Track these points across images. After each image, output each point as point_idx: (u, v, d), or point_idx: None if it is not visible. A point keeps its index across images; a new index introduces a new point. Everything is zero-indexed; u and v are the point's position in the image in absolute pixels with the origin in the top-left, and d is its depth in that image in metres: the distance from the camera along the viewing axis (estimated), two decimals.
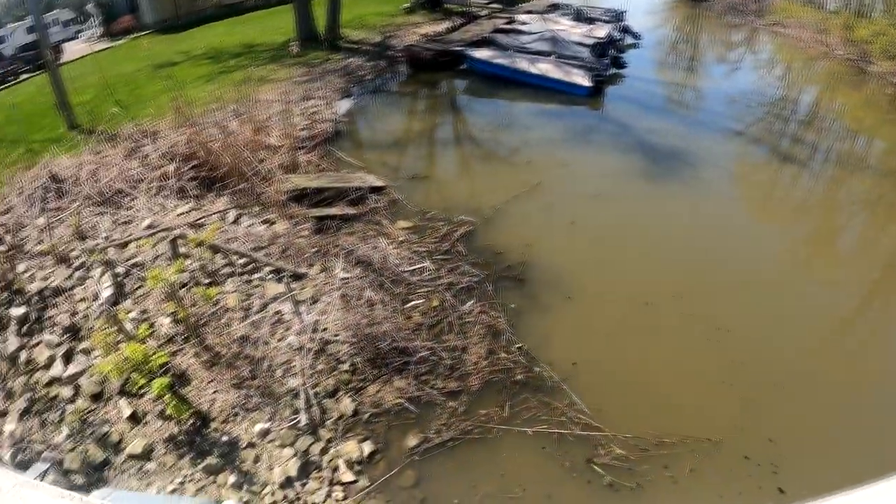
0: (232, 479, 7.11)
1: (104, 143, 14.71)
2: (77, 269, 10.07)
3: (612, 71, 22.94)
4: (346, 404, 8.06)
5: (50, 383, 8.26)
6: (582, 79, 20.46)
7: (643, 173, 14.71)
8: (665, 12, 39.19)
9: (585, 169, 15.15)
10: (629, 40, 28.16)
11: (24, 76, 32.55)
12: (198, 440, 7.48)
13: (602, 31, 25.64)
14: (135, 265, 10.03)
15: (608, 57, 23.00)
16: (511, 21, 29.09)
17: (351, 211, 12.27)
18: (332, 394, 8.20)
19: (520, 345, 9.03)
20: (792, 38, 29.21)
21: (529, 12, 31.40)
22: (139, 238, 10.69)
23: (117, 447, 7.47)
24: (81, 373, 8.28)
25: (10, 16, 54.26)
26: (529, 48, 23.22)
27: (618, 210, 12.99)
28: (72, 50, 35.01)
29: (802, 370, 8.64)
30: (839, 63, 25.14)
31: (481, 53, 23.15)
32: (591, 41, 23.48)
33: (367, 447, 7.59)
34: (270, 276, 10.06)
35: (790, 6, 31.68)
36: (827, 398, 8.26)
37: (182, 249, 10.16)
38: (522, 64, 21.91)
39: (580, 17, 29.74)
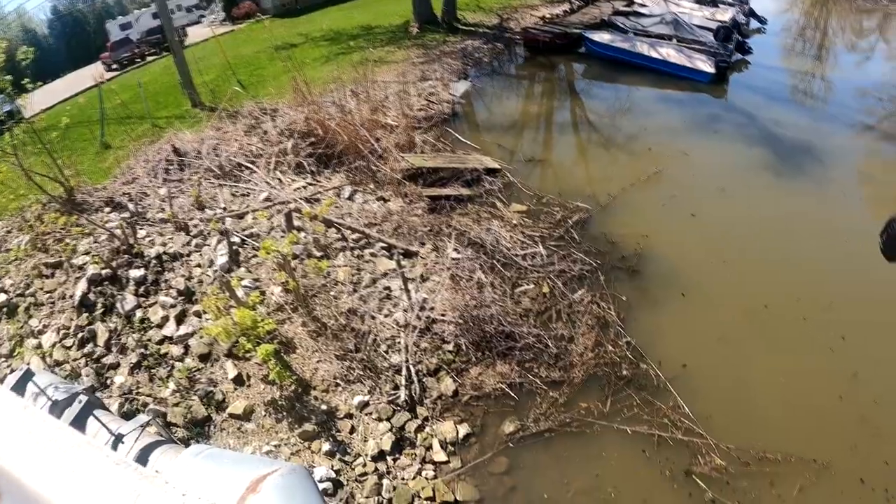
0: (326, 446, 7.53)
1: (225, 120, 15.79)
2: (195, 236, 10.90)
3: (737, 57, 22.22)
4: (447, 385, 8.36)
5: (161, 341, 9.00)
6: (705, 64, 20.04)
7: (767, 167, 14.22)
8: None
9: (707, 159, 14.89)
10: (754, 25, 27.35)
11: (150, 58, 35.41)
12: (297, 406, 7.96)
13: (726, 15, 25.10)
14: (250, 235, 10.75)
15: (732, 42, 22.29)
16: (631, 3, 28.90)
17: (465, 192, 12.64)
18: (434, 373, 8.54)
19: (628, 339, 9.01)
20: None
21: None
22: (256, 210, 11.47)
23: (220, 406, 8.06)
24: (192, 334, 8.98)
25: (136, 2, 59.28)
26: (650, 31, 23.02)
27: (740, 205, 12.64)
28: (195, 33, 37.74)
29: None
30: None
31: (600, 37, 23.10)
32: (714, 25, 23.04)
33: (463, 429, 7.86)
34: (382, 252, 10.57)
35: None
36: None
37: (297, 222, 10.81)
38: (643, 48, 21.68)
39: None
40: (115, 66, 34.92)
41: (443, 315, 9.13)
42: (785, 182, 13.52)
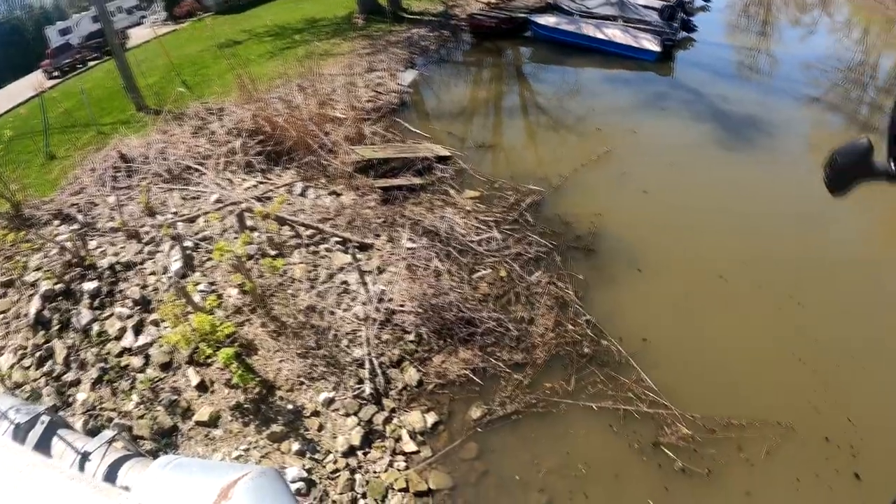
0: (296, 446, 7.46)
1: (171, 123, 15.42)
2: (147, 244, 10.64)
3: (682, 35, 22.50)
4: (411, 374, 8.35)
5: (121, 354, 8.79)
6: (651, 44, 20.23)
7: (716, 142, 14.48)
8: None
9: (656, 137, 15.02)
10: (698, 2, 27.65)
11: (92, 63, 34.35)
12: (263, 408, 7.86)
13: None
14: (203, 239, 10.55)
15: (677, 20, 22.44)
16: None
17: (417, 181, 12.57)
18: (397, 364, 8.50)
19: (588, 317, 9.10)
20: None
21: None
22: (207, 212, 11.25)
23: (185, 415, 7.92)
24: (151, 343, 8.79)
25: (75, 6, 57.25)
26: (595, 13, 23.00)
27: (691, 180, 12.84)
28: (137, 35, 36.66)
29: (883, 349, 8.37)
30: None
31: (546, 20, 23.05)
32: (659, 4, 23.18)
33: (431, 418, 7.86)
34: (337, 246, 10.46)
35: None
36: None
37: (249, 222, 10.63)
38: (589, 29, 21.73)
39: None
40: (56, 74, 33.78)
41: (402, 305, 9.09)
42: (734, 155, 13.78)
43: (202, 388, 8.19)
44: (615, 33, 21.16)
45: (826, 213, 11.52)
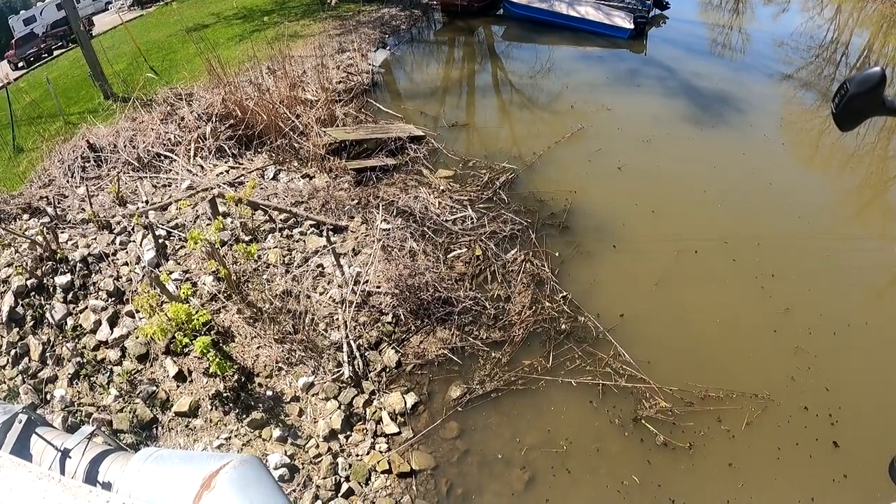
0: (277, 432, 7.35)
1: (140, 110, 15.04)
2: (119, 234, 10.38)
3: (655, 12, 22.43)
4: (390, 356, 8.25)
5: (97, 347, 8.59)
6: (623, 21, 20.14)
7: (690, 118, 14.47)
8: None
9: (630, 113, 14.91)
10: None
11: (57, 52, 33.52)
12: (242, 396, 7.73)
13: None
14: (176, 226, 10.32)
15: None
16: None
17: (390, 162, 12.40)
18: (376, 346, 8.40)
19: (564, 294, 9.05)
20: None
21: None
22: (179, 200, 11.00)
23: (164, 406, 7.78)
24: (127, 335, 8.60)
25: None
26: None
27: (665, 155, 12.76)
28: (102, 22, 35.86)
29: (857, 320, 8.44)
30: (892, 5, 24.01)
31: None
32: None
33: (411, 399, 7.77)
34: (311, 230, 10.29)
35: None
36: (884, 349, 8.02)
37: (222, 208, 10.42)
38: (561, 7, 21.56)
39: None
40: (21, 65, 32.90)
41: (378, 287, 8.97)
42: (708, 131, 13.78)
43: (180, 378, 8.04)
44: (588, 11, 21.02)
45: (798, 187, 11.59)
